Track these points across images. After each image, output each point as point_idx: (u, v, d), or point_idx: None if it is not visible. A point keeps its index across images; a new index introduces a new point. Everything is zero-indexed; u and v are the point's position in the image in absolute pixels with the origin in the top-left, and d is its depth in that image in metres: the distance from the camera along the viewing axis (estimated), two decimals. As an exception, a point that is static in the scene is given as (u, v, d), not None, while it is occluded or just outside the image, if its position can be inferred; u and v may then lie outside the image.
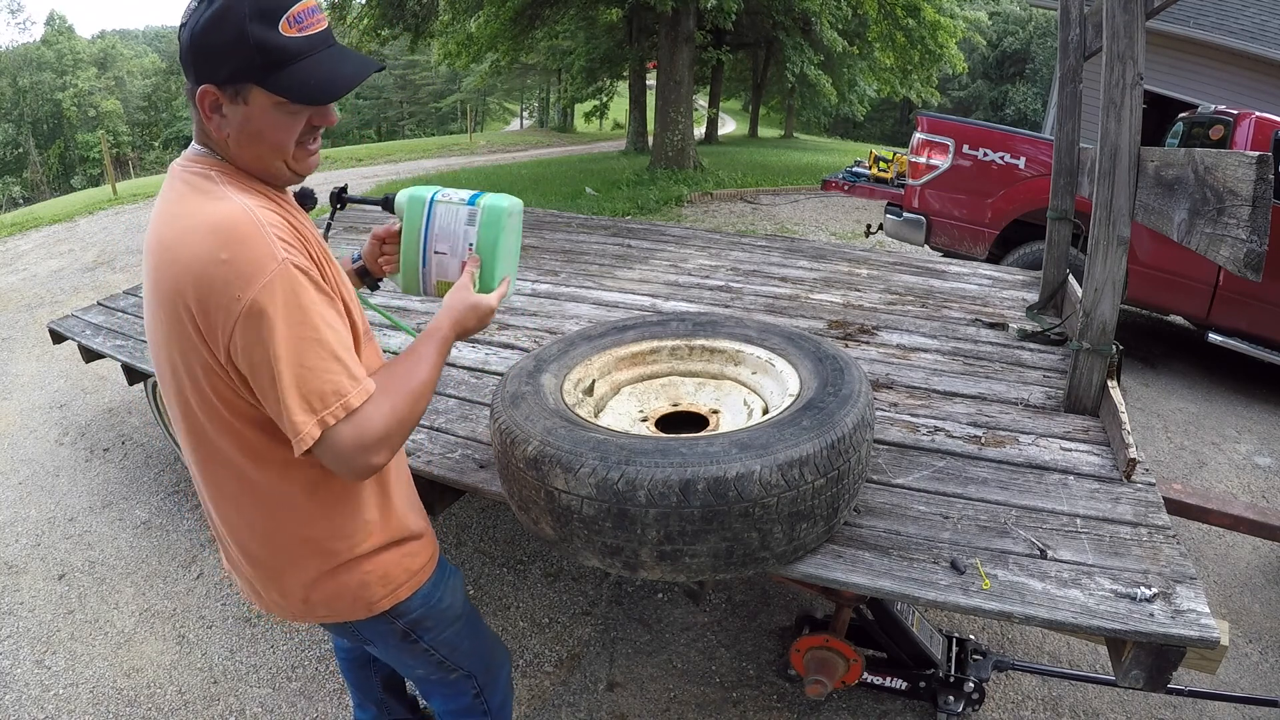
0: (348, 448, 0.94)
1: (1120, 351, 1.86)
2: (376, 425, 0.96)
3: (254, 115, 0.94)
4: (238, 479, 1.04)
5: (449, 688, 1.37)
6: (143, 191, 11.54)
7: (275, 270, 0.88)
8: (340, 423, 0.93)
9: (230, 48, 0.89)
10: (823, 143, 26.59)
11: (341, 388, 0.93)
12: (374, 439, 0.95)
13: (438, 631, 1.26)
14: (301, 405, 0.90)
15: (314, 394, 0.91)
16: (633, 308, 2.80)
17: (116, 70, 40.30)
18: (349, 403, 0.93)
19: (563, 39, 16.17)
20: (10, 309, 5.46)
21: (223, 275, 0.87)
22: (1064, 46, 2.59)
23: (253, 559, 1.12)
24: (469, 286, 1.16)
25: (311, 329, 0.91)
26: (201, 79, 0.92)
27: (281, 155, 0.98)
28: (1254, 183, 1.22)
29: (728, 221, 8.41)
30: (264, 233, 0.90)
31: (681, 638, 2.22)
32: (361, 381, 0.95)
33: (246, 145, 0.97)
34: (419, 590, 1.20)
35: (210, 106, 0.94)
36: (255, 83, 0.92)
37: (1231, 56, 8.06)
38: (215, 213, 0.91)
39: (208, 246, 0.89)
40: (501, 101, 40.98)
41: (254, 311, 0.87)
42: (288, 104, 0.94)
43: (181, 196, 0.96)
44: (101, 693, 2.04)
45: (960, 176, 4.70)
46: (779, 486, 1.14)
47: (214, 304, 0.88)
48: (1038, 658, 2.18)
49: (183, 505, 2.92)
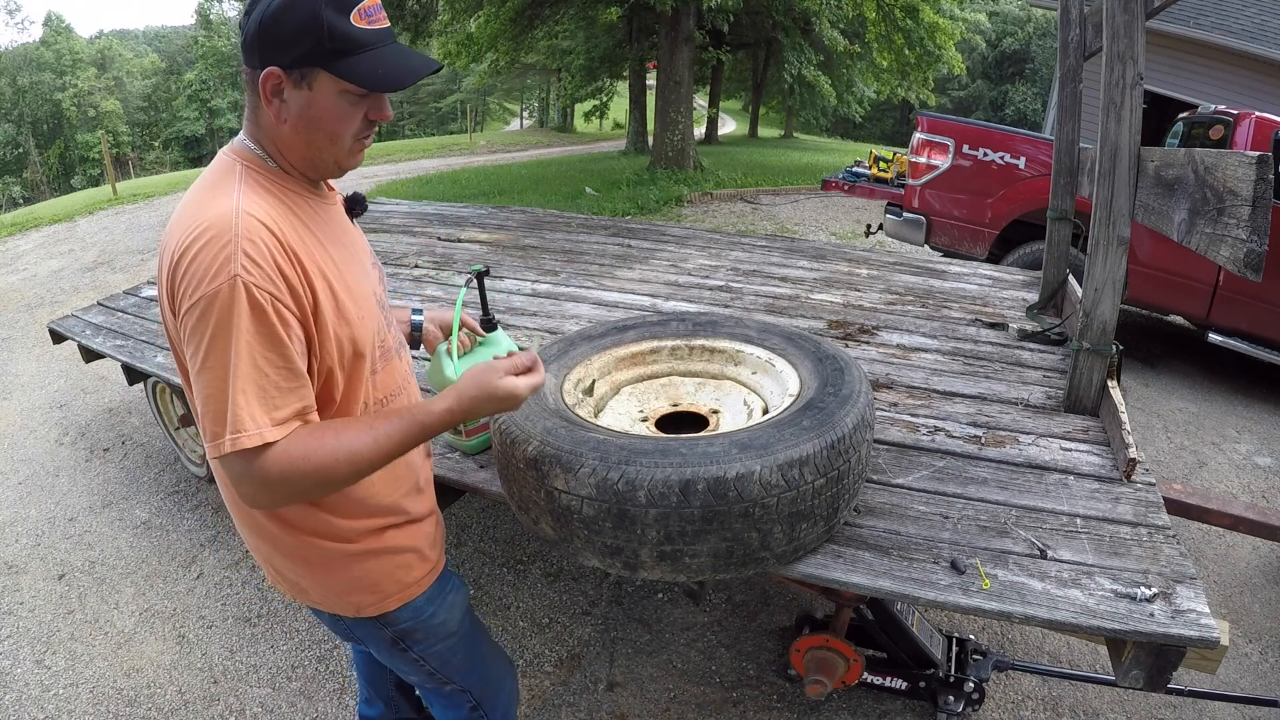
0: (232, 478, 0.92)
1: (1120, 351, 1.86)
2: (269, 471, 0.90)
3: (316, 101, 0.95)
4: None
5: (444, 698, 1.36)
6: (142, 192, 11.53)
7: (222, 284, 0.87)
8: (229, 455, 0.89)
9: (302, 32, 0.91)
10: (823, 143, 26.59)
11: (240, 424, 0.88)
12: (258, 482, 0.90)
13: (428, 645, 1.25)
14: (204, 421, 0.90)
15: (216, 417, 0.88)
16: (633, 308, 2.80)
17: (116, 70, 40.28)
18: (240, 441, 0.88)
19: (562, 39, 16.17)
20: (10, 309, 5.46)
21: (181, 273, 0.89)
22: (1064, 46, 2.59)
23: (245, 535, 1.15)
24: (499, 370, 1.03)
25: (235, 355, 0.87)
26: (267, 62, 0.92)
27: (336, 145, 0.99)
28: (1254, 183, 1.22)
29: (728, 221, 8.41)
30: (234, 244, 0.88)
31: (681, 638, 2.22)
32: (269, 425, 0.89)
33: (302, 132, 0.97)
34: (410, 603, 1.18)
35: (273, 90, 0.94)
36: (323, 68, 0.93)
37: (1231, 56, 8.05)
38: (207, 210, 0.92)
39: (181, 240, 0.90)
40: (501, 101, 40.97)
41: (192, 318, 0.88)
42: (351, 93, 0.96)
43: (198, 187, 0.98)
44: (101, 693, 2.04)
45: (960, 176, 4.70)
46: (779, 486, 1.14)
47: (174, 293, 0.91)
48: (1038, 658, 2.18)
49: (183, 505, 2.92)
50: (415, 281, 3.13)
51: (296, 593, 1.17)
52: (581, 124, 32.67)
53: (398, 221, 4.40)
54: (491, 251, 3.70)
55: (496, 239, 3.98)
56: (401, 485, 1.18)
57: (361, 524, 1.12)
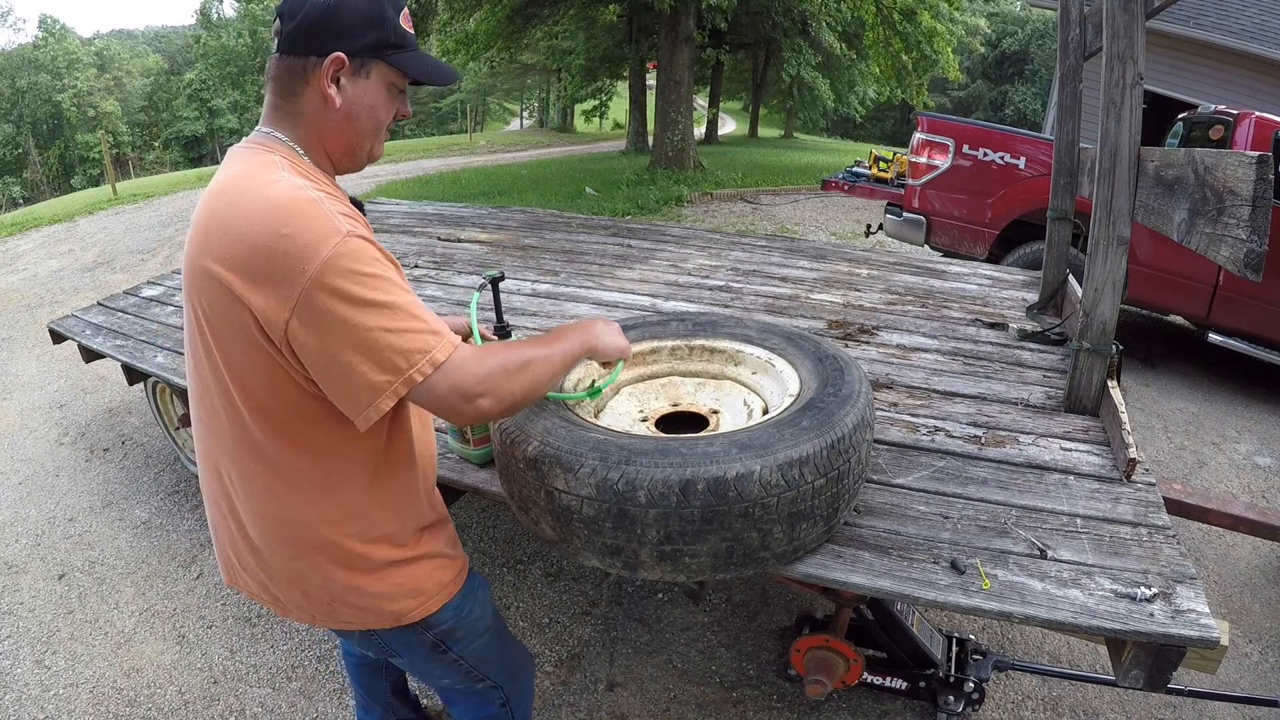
0: (446, 395, 0.93)
1: (1120, 351, 1.85)
2: (473, 371, 0.94)
3: (369, 91, 1.01)
4: (272, 470, 1.01)
5: (475, 697, 1.35)
6: (142, 192, 11.54)
7: (339, 242, 0.88)
8: (429, 378, 0.91)
9: (369, 23, 0.98)
10: (823, 143, 26.60)
11: (424, 344, 0.91)
12: (473, 384, 0.94)
13: (467, 642, 1.25)
14: (381, 368, 0.90)
15: (398, 353, 0.90)
16: (633, 308, 2.80)
17: (116, 71, 40.28)
18: (434, 358, 0.92)
19: (562, 39, 16.17)
20: (10, 309, 5.46)
21: (285, 249, 0.87)
22: (1064, 46, 2.59)
23: (276, 557, 1.07)
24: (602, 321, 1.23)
25: (384, 292, 0.90)
26: (330, 49, 0.96)
27: (374, 135, 1.05)
28: (1254, 183, 1.22)
29: (728, 221, 8.41)
30: (324, 207, 0.91)
31: (681, 638, 2.22)
32: (445, 336, 0.94)
33: (348, 121, 1.01)
34: (449, 602, 1.18)
35: (333, 75, 0.98)
36: (383, 59, 1.00)
37: (1231, 56, 8.06)
38: (273, 191, 0.92)
39: (267, 222, 0.88)
40: (501, 101, 40.98)
41: (319, 283, 0.86)
42: (395, 86, 1.03)
43: (239, 174, 0.96)
44: (101, 693, 2.04)
45: (960, 176, 4.70)
46: (779, 486, 1.14)
47: (276, 279, 0.87)
48: (1038, 658, 2.18)
49: (183, 505, 2.92)
50: (415, 281, 3.13)
51: (324, 615, 1.12)
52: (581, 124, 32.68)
53: (398, 221, 4.40)
54: (491, 251, 3.70)
55: (496, 239, 3.98)
56: (428, 482, 1.21)
57: (412, 525, 1.14)
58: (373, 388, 0.90)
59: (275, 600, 1.13)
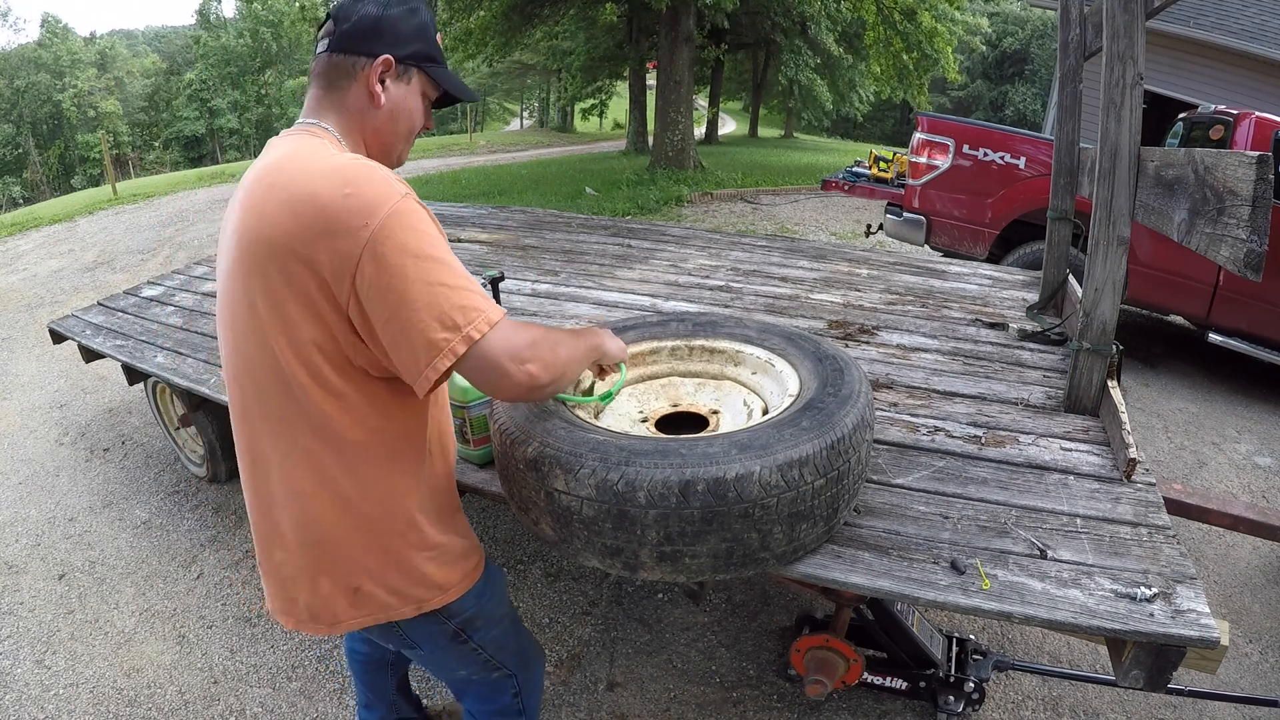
0: (500, 356, 0.96)
1: (1120, 351, 1.85)
2: (523, 336, 0.99)
3: (408, 96, 1.10)
4: (335, 447, 1.02)
5: (490, 687, 1.36)
6: (143, 192, 11.54)
7: (398, 201, 0.93)
8: (485, 337, 0.94)
9: (418, 34, 1.08)
10: (823, 143, 26.61)
11: (479, 304, 0.95)
12: (523, 347, 0.98)
13: (486, 630, 1.26)
14: (440, 324, 0.92)
15: (455, 309, 0.93)
16: (633, 308, 2.80)
17: (116, 70, 40.28)
18: (490, 317, 0.95)
19: (562, 39, 16.17)
20: (10, 309, 5.46)
21: (347, 207, 0.91)
22: (1064, 46, 2.59)
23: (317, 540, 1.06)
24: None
25: (442, 250, 0.95)
26: (383, 50, 1.05)
27: (407, 140, 1.13)
28: (1254, 183, 1.22)
29: (728, 221, 8.41)
30: (382, 172, 0.96)
31: (681, 638, 2.22)
32: (492, 301, 0.98)
33: (388, 121, 1.09)
34: (470, 590, 1.20)
35: (381, 75, 1.06)
36: (423, 69, 1.10)
37: (1231, 56, 8.05)
38: (333, 161, 0.97)
39: (330, 184, 0.93)
40: (501, 101, 40.96)
41: (382, 236, 0.90)
42: (427, 96, 1.13)
43: (293, 150, 1.01)
44: (101, 693, 2.04)
45: (960, 176, 4.70)
46: (779, 487, 1.14)
47: (339, 236, 0.91)
48: (1038, 658, 2.18)
49: (183, 505, 2.92)
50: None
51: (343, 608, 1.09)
52: (581, 124, 32.67)
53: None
54: (491, 251, 3.70)
55: (496, 239, 3.98)
56: (453, 468, 1.26)
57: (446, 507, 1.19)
58: (432, 346, 0.92)
59: (293, 603, 1.10)
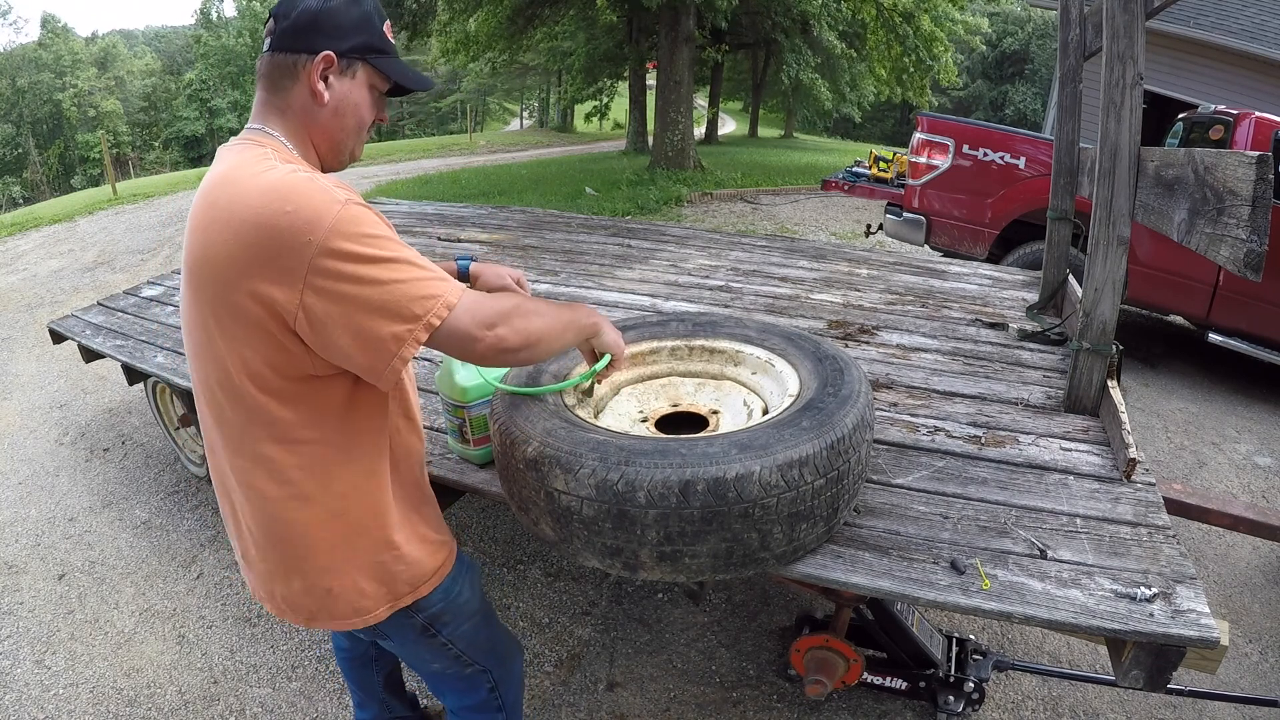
0: (466, 326, 0.98)
1: (1120, 351, 1.85)
2: (490, 305, 1.00)
3: (353, 91, 1.07)
4: (286, 451, 1.03)
5: (464, 682, 1.36)
6: (142, 192, 11.54)
7: (339, 210, 0.92)
8: (446, 320, 0.96)
9: (359, 26, 1.04)
10: (823, 143, 26.60)
11: (436, 289, 0.96)
12: (490, 314, 1.00)
13: (456, 625, 1.27)
14: (399, 318, 0.94)
15: (413, 301, 0.94)
16: (633, 308, 2.80)
17: (116, 70, 40.27)
18: (448, 300, 0.96)
19: (563, 39, 16.17)
20: (10, 309, 5.46)
21: (288, 225, 0.90)
22: (1064, 46, 2.59)
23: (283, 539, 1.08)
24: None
25: (391, 249, 0.95)
26: (322, 47, 1.02)
27: (356, 136, 1.11)
28: (1254, 183, 1.22)
29: (728, 221, 8.41)
30: (320, 183, 0.95)
31: (681, 638, 2.22)
32: (451, 281, 0.99)
33: (333, 118, 1.07)
34: (440, 585, 1.21)
35: (323, 73, 1.03)
36: (368, 61, 1.06)
37: (1231, 56, 8.05)
38: (270, 176, 0.96)
39: (267, 201, 0.92)
40: (501, 101, 40.97)
41: (327, 250, 0.90)
42: (377, 89, 1.10)
43: (237, 163, 1.00)
44: (101, 693, 2.04)
45: (960, 176, 4.70)
46: (779, 487, 1.14)
47: (283, 252, 0.91)
48: (1038, 658, 2.18)
49: (183, 505, 2.92)
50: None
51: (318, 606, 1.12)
52: (581, 124, 32.66)
53: (398, 221, 4.40)
54: (491, 251, 3.70)
55: (496, 239, 3.98)
56: (421, 463, 1.25)
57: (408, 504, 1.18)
58: (395, 338, 0.94)
59: (270, 597, 1.15)
